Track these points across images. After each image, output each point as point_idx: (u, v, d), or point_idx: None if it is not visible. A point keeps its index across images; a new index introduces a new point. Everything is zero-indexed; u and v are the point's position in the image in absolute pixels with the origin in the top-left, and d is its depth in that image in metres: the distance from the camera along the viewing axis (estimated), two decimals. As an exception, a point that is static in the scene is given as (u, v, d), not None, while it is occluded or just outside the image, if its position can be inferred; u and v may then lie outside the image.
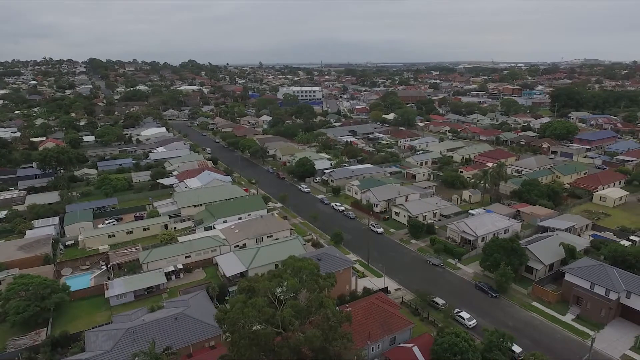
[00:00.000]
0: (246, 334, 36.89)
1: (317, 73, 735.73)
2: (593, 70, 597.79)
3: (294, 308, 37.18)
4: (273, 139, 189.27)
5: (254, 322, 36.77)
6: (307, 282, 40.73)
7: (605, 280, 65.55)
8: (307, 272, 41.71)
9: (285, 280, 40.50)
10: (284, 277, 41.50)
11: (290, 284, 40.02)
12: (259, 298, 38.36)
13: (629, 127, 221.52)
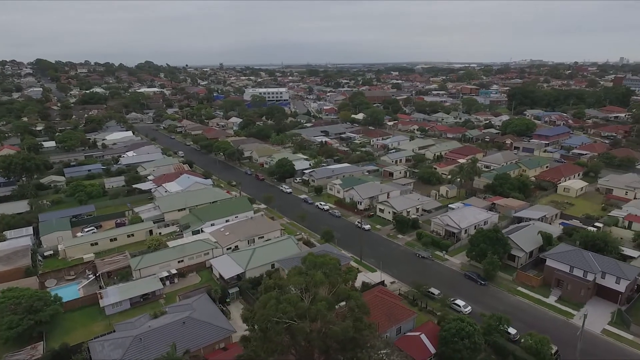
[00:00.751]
0: (281, 330, 37.85)
1: (280, 74, 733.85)
2: (540, 71, 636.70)
3: (326, 301, 38.62)
4: (247, 141, 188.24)
5: (290, 317, 37.75)
6: (332, 276, 42.26)
7: (582, 263, 71.58)
8: (329, 267, 43.17)
9: (310, 276, 41.71)
10: (309, 273, 42.73)
11: (318, 278, 41.34)
12: (294, 293, 39.45)
13: (578, 123, 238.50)
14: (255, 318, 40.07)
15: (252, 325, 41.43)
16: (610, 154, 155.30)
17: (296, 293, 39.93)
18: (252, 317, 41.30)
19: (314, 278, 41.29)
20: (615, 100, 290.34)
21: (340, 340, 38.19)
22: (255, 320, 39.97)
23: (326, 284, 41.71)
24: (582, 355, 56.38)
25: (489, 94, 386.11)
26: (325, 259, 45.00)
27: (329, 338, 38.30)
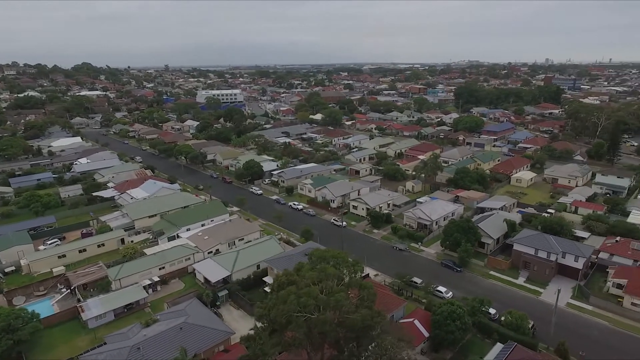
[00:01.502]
0: (302, 323, 39.03)
1: (229, 75, 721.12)
2: (479, 71, 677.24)
3: (343, 292, 40.37)
4: (208, 144, 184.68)
5: (309, 310, 39.01)
6: (342, 268, 44.11)
7: (545, 245, 78.89)
8: (338, 260, 45.02)
9: (323, 270, 43.23)
10: (319, 267, 44.22)
11: (331, 271, 42.97)
12: (313, 287, 40.74)
13: (519, 119, 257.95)
14: (273, 314, 40.90)
15: (269, 322, 42.20)
16: (551, 147, 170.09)
17: (315, 286, 41.24)
18: (267, 314, 42.10)
19: (326, 271, 42.90)
20: (548, 98, 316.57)
21: (356, 328, 40.14)
22: (274, 316, 40.79)
23: (337, 276, 43.46)
24: (552, 326, 62.50)
25: (436, 93, 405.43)
26: (333, 252, 46.76)
27: (346, 327, 40.12)
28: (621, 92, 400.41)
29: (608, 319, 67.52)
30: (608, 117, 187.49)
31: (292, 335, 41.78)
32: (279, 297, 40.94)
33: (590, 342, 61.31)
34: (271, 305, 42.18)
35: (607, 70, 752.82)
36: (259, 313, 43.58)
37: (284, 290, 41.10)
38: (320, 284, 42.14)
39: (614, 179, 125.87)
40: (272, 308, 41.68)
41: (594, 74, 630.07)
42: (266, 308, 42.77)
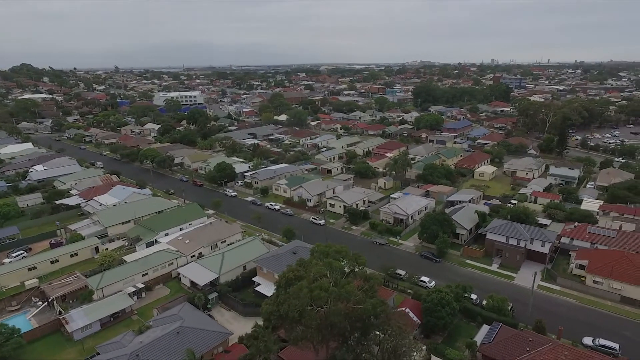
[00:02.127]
0: (315, 315, 40.34)
1: (185, 77, 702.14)
2: (432, 71, 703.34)
3: (351, 284, 42.12)
4: (173, 147, 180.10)
5: (319, 304, 40.43)
6: (349, 261, 45.90)
7: (515, 233, 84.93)
8: (342, 253, 46.74)
9: (327, 264, 44.79)
10: (324, 261, 45.71)
11: (337, 265, 44.60)
12: (323, 280, 42.10)
13: (474, 117, 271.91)
14: (284, 309, 41.87)
15: (279, 317, 43.13)
16: (507, 142, 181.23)
17: (325, 279, 42.68)
18: (277, 310, 43.03)
19: (332, 265, 44.52)
20: (499, 96, 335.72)
21: (363, 318, 42.06)
22: (285, 311, 41.76)
23: (342, 269, 45.20)
24: (530, 307, 67.72)
25: (394, 93, 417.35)
26: (336, 247, 48.44)
27: (355, 317, 41.94)
28: (561, 90, 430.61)
29: (574, 297, 74.04)
30: (555, 113, 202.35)
31: (303, 329, 42.99)
32: (291, 292, 42.03)
33: (561, 318, 66.99)
34: (281, 300, 43.17)
35: (546, 70, 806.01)
36: (268, 310, 44.37)
37: (296, 285, 42.25)
38: (328, 277, 43.67)
39: (565, 170, 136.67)
40: (283, 303, 42.70)
41: (535, 73, 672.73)
42: (275, 304, 43.67)
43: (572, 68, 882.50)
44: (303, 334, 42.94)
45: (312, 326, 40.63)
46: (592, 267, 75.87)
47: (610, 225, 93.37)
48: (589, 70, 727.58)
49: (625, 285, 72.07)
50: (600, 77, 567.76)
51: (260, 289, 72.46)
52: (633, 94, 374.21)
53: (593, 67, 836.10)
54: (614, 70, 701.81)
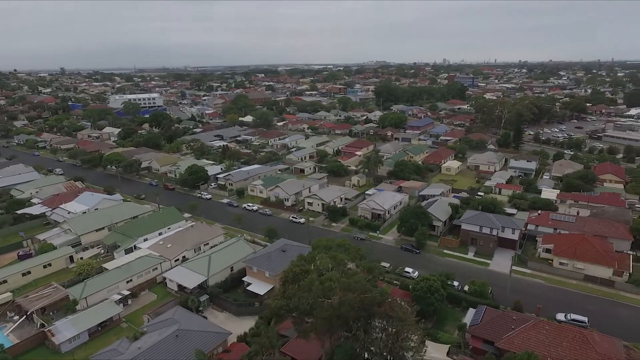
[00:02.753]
0: (328, 307, 41.87)
1: (139, 79, 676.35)
2: (389, 71, 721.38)
3: (357, 275, 44.06)
4: (138, 151, 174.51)
5: (327, 296, 42.10)
6: (352, 254, 47.77)
7: (487, 222, 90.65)
8: (344, 247, 48.58)
9: (333, 257, 46.50)
10: (329, 254, 47.38)
11: (342, 257, 46.40)
12: (333, 272, 43.64)
13: (434, 114, 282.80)
14: (294, 303, 43.10)
15: (289, 311, 44.29)
16: (468, 138, 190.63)
17: (334, 271, 44.35)
18: (287, 304, 44.18)
19: (337, 257, 46.32)
20: (455, 95, 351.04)
21: (370, 306, 44.20)
22: (295, 304, 42.99)
23: (347, 261, 47.13)
24: (508, 290, 72.87)
25: (355, 93, 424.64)
26: (338, 241, 50.23)
27: (362, 307, 43.96)
28: (510, 88, 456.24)
29: (544, 278, 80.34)
30: (509, 110, 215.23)
31: (313, 321, 44.44)
32: (302, 286, 43.36)
33: (535, 298, 72.47)
34: (290, 294, 44.37)
35: (495, 69, 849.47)
36: (278, 304, 45.37)
37: (307, 279, 43.63)
38: (334, 269, 45.43)
39: (524, 163, 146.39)
40: (292, 297, 43.95)
41: (485, 72, 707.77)
42: (284, 299, 44.81)
43: (517, 67, 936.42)
44: (313, 326, 44.41)
45: (324, 317, 42.18)
46: (558, 250, 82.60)
47: (568, 212, 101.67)
48: (533, 70, 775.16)
49: (587, 265, 79.18)
50: (543, 76, 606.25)
51: (252, 288, 72.96)
52: (573, 92, 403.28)
53: (536, 67, 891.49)
54: (555, 70, 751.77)
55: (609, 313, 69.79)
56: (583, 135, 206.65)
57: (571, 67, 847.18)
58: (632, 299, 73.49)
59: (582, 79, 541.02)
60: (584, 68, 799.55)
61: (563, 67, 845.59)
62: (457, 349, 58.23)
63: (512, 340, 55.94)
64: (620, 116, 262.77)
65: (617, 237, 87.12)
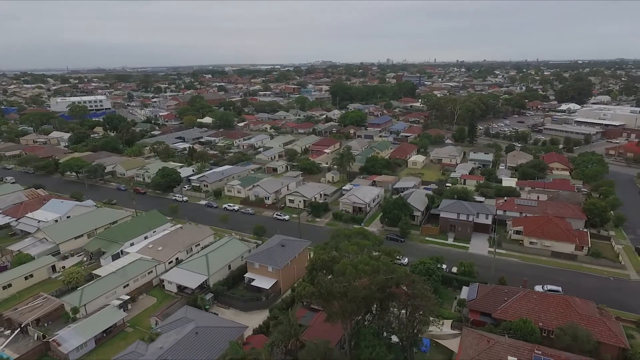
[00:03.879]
0: (360, 289, 45.02)
1: (76, 80, 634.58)
2: (339, 71, 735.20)
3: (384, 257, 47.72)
4: (99, 156, 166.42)
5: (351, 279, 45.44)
6: (371, 240, 51.34)
7: (464, 210, 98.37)
8: (363, 235, 52.07)
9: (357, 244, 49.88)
10: (353, 241, 50.69)
11: (366, 243, 49.87)
12: (364, 255, 46.78)
13: (390, 112, 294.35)
14: (327, 288, 45.88)
15: (322, 296, 46.97)
16: (427, 134, 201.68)
17: (364, 256, 47.64)
18: (319, 290, 46.85)
19: (360, 243, 49.77)
20: (407, 93, 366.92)
21: (397, 284, 48.15)
22: (328, 289, 45.78)
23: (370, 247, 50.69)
24: (492, 269, 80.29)
25: (310, 92, 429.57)
26: (356, 229, 53.59)
27: (387, 286, 47.74)
28: (454, 86, 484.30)
29: (517, 257, 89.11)
30: (460, 107, 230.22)
31: (342, 304, 47.46)
32: (337, 270, 46.27)
33: (513, 274, 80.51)
34: (320, 281, 47.12)
35: (437, 69, 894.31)
36: (309, 291, 47.84)
37: (340, 264, 46.59)
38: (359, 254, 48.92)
39: (482, 155, 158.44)
40: (324, 283, 46.74)
41: (429, 72, 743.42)
42: (316, 285, 47.49)
43: (456, 67, 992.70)
44: (342, 309, 47.48)
45: (356, 298, 45.40)
46: (527, 231, 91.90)
47: (529, 197, 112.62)
48: (471, 69, 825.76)
49: (553, 242, 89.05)
50: (481, 74, 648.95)
51: (257, 283, 74.39)
52: (510, 89, 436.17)
53: (472, 66, 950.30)
54: (490, 69, 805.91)
55: (576, 282, 79.32)
56: (526, 128, 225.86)
57: (504, 67, 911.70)
58: (592, 269, 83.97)
59: (516, 77, 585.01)
60: (514, 67, 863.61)
61: (497, 67, 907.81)
62: (459, 322, 63.97)
63: (506, 311, 62.59)
64: (554, 111, 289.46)
65: (573, 217, 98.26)
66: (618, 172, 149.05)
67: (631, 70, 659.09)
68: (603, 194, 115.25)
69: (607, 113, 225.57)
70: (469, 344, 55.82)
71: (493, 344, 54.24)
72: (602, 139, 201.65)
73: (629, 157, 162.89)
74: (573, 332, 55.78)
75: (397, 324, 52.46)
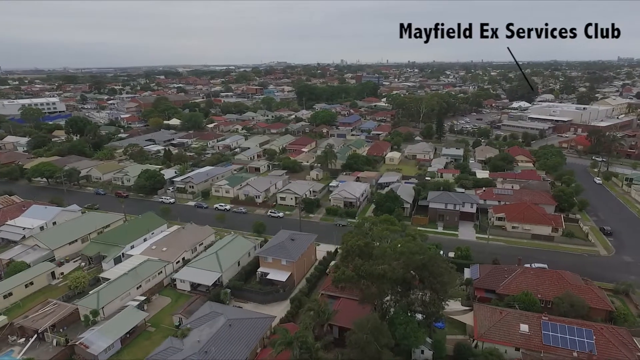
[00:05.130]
0: (398, 270, 49.13)
1: (15, 81, 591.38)
2: (298, 71, 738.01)
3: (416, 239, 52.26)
4: (69, 160, 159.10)
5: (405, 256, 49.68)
6: (398, 225, 55.68)
7: (450, 200, 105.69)
8: (390, 221, 56.33)
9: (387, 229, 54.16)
10: (383, 226, 54.85)
11: (395, 227, 54.17)
12: (400, 239, 50.86)
13: (356, 111, 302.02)
14: (366, 270, 49.69)
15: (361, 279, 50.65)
16: (398, 132, 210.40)
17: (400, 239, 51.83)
18: (356, 274, 50.54)
19: (390, 228, 54.10)
20: (369, 93, 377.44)
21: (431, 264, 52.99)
22: (368, 272, 49.59)
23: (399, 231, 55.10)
24: (480, 253, 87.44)
25: (273, 92, 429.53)
26: (385, 216, 57.67)
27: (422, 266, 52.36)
28: (411, 86, 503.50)
29: (502, 241, 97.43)
30: (425, 106, 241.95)
31: (379, 285, 51.49)
32: (377, 254, 50.16)
33: (501, 256, 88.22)
34: (358, 265, 50.91)
35: (391, 69, 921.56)
36: (347, 275, 51.37)
37: (379, 248, 50.52)
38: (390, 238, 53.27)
39: (454, 150, 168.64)
40: (362, 266, 50.57)
41: (384, 72, 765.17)
42: (358, 267, 51.17)
43: (408, 67, 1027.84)
44: (380, 289, 51.49)
45: (398, 279, 49.54)
46: (510, 217, 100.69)
47: (504, 187, 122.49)
48: (423, 69, 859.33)
49: (533, 226, 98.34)
50: (434, 75, 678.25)
51: (271, 276, 76.65)
52: (463, 88, 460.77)
53: (423, 67, 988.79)
54: (440, 69, 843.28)
55: (555, 260, 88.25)
56: (486, 125, 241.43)
57: (452, 67, 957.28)
58: (568, 248, 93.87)
59: (466, 77, 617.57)
60: (462, 68, 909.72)
61: (446, 67, 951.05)
62: (467, 300, 70.07)
63: (508, 286, 69.50)
64: (507, 109, 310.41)
65: (545, 203, 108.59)
66: (572, 162, 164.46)
67: (566, 71, 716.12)
68: (566, 182, 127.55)
69: (556, 110, 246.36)
70: (483, 317, 61.86)
71: (505, 314, 60.60)
72: (553, 133, 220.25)
73: (580, 149, 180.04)
74: (569, 300, 63.45)
75: (420, 302, 57.32)
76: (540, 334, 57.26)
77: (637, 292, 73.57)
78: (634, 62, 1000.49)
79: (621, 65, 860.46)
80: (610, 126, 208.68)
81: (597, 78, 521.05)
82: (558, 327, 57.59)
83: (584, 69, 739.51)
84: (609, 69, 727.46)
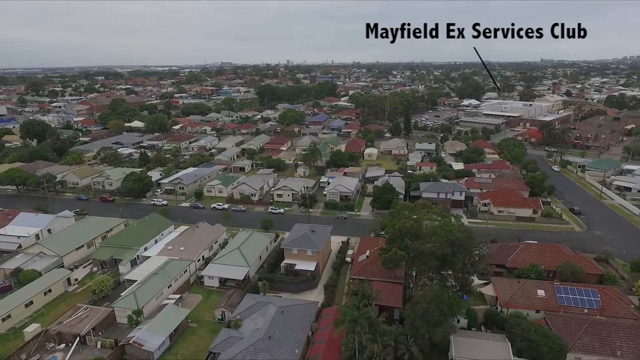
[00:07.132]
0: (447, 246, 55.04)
1: None
2: (250, 72, 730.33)
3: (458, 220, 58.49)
4: (37, 165, 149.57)
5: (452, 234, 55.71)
6: (435, 210, 61.89)
7: (442, 189, 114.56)
8: (427, 207, 62.23)
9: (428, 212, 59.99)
10: (424, 210, 60.58)
11: (434, 210, 60.10)
12: (445, 219, 56.64)
13: (321, 111, 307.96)
14: (417, 248, 55.21)
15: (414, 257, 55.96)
16: (368, 129, 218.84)
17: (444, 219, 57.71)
18: (408, 254, 55.90)
19: (432, 211, 60.07)
20: (328, 93, 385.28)
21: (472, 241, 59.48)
22: (418, 250, 55.13)
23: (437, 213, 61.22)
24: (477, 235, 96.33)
25: (229, 93, 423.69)
26: (421, 202, 63.32)
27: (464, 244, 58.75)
28: (364, 86, 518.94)
29: (491, 223, 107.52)
30: (389, 104, 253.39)
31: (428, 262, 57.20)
32: (428, 233, 55.78)
33: (495, 236, 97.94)
34: (408, 245, 56.34)
35: (340, 69, 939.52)
36: (399, 255, 56.55)
37: (430, 227, 56.12)
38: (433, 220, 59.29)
39: (426, 145, 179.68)
40: (412, 246, 56.06)
41: (334, 72, 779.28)
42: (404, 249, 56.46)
43: (355, 67, 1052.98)
44: (428, 266, 57.30)
45: (444, 255, 55.45)
46: (495, 202, 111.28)
47: (482, 176, 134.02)
48: (370, 70, 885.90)
49: (516, 209, 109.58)
50: (381, 75, 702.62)
51: (299, 266, 79.90)
52: (412, 88, 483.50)
53: (368, 67, 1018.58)
54: (386, 69, 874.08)
55: (539, 237, 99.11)
56: (445, 121, 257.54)
57: (396, 67, 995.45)
58: (548, 227, 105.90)
59: (413, 77, 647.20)
60: (406, 68, 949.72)
61: (390, 68, 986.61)
62: (482, 275, 77.95)
63: (516, 260, 78.38)
64: (459, 106, 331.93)
65: (520, 189, 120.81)
66: (529, 153, 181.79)
67: (500, 72, 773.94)
68: (531, 170, 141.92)
69: (506, 107, 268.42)
70: (503, 287, 69.83)
71: (523, 283, 68.98)
72: (506, 128, 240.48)
73: (533, 141, 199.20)
74: (570, 268, 73.29)
75: (454, 276, 63.99)
76: (555, 297, 66.12)
77: (615, 259, 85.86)
78: (555, 63, 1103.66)
79: (545, 66, 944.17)
80: (554, 120, 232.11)
81: (529, 77, 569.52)
82: (569, 289, 66.83)
83: (514, 69, 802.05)
84: (535, 69, 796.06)
